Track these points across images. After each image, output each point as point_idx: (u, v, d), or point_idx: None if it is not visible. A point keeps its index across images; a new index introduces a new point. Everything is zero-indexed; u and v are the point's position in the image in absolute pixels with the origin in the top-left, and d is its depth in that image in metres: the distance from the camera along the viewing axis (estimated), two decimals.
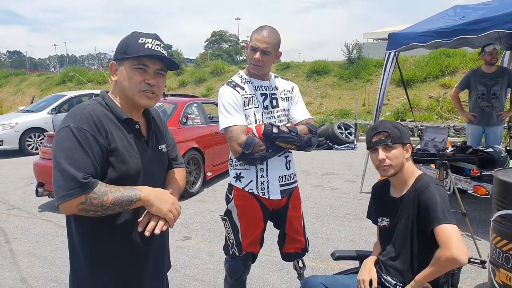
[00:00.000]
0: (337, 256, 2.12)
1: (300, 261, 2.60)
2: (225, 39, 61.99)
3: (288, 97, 2.39)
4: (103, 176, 1.35)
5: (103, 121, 1.37)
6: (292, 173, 2.40)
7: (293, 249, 2.49)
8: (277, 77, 2.46)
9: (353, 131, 10.53)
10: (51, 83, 22.29)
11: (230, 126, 2.15)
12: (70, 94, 11.66)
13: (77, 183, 1.26)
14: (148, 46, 1.41)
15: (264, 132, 2.14)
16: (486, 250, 3.32)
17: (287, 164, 2.36)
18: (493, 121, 5.04)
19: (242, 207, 2.31)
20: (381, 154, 1.86)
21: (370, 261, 1.99)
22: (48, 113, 10.49)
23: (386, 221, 1.97)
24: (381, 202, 2.04)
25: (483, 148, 4.65)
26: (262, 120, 2.25)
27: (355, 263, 2.23)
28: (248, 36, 2.50)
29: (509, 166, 4.20)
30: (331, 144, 9.98)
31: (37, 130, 10.20)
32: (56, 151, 1.31)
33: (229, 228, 2.36)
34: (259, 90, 2.31)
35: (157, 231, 1.38)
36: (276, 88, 2.37)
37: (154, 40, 1.43)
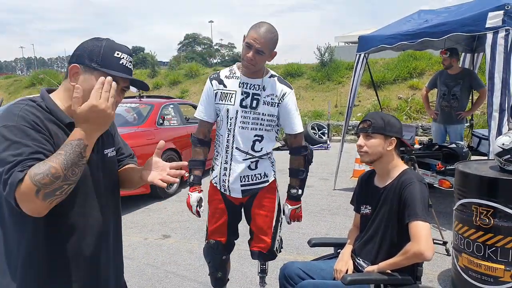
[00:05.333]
0: (314, 243, 2.25)
1: (265, 265, 2.56)
2: (198, 42, 61.81)
3: (275, 102, 2.27)
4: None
5: (45, 122, 1.23)
6: (260, 173, 2.36)
7: (257, 248, 2.46)
8: (274, 76, 2.33)
9: (326, 131, 10.79)
10: (19, 86, 21.66)
11: (195, 115, 2.42)
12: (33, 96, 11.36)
13: (14, 173, 1.10)
14: (123, 63, 1.32)
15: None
16: (450, 239, 3.55)
17: (252, 165, 2.33)
18: (452, 119, 5.36)
19: (210, 195, 2.47)
20: (360, 140, 2.01)
21: (347, 252, 2.10)
22: None
23: (368, 209, 2.08)
24: (365, 190, 2.16)
25: (447, 144, 4.96)
26: (236, 119, 2.23)
27: (330, 251, 2.38)
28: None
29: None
30: None
31: None
32: None
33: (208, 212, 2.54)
34: (243, 87, 2.24)
35: None
36: (263, 89, 2.26)
37: (128, 56, 1.34)
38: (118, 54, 1.31)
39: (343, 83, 15.46)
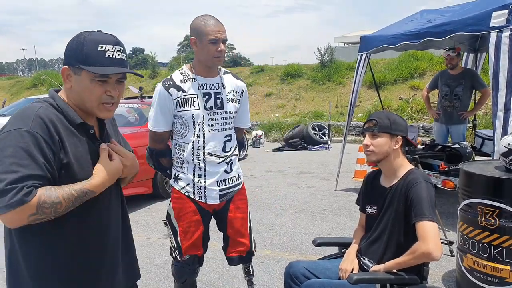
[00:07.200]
0: (318, 243, 2.23)
1: (250, 267, 2.48)
2: None
3: (237, 99, 2.26)
4: (54, 180, 1.22)
5: (58, 126, 1.25)
6: (235, 175, 2.31)
7: (236, 253, 2.37)
8: (228, 73, 2.29)
9: (327, 132, 10.78)
10: (21, 87, 21.70)
11: (151, 129, 2.22)
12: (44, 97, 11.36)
13: (19, 193, 1.11)
14: (109, 55, 1.26)
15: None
16: (454, 240, 3.54)
17: (228, 167, 2.27)
18: (454, 120, 5.35)
19: (179, 209, 2.24)
20: (366, 140, 1.99)
21: (352, 252, 2.09)
22: None
23: (374, 209, 2.07)
24: (371, 190, 2.14)
25: (450, 145, 4.94)
26: (203, 123, 2.15)
27: (334, 251, 2.36)
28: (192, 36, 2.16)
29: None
30: (305, 145, 10.18)
31: None
32: (0, 157, 1.15)
33: (169, 232, 2.31)
34: (202, 88, 2.16)
35: None
36: (223, 87, 2.22)
37: (114, 46, 1.28)
38: (102, 47, 1.26)
39: (343, 83, 15.45)
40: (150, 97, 7.68)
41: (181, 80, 2.16)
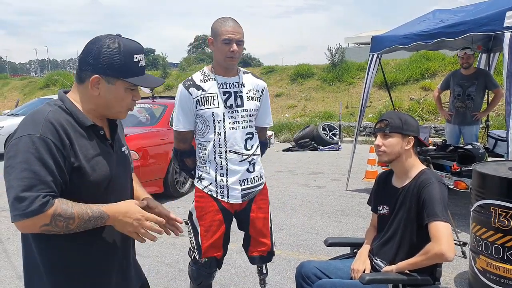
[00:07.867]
0: (330, 243, 2.24)
1: (263, 266, 2.48)
2: (208, 44, 61.91)
3: (257, 97, 2.30)
4: (66, 184, 1.23)
5: (68, 130, 1.24)
6: (257, 175, 2.33)
7: (258, 253, 2.39)
8: (247, 73, 2.35)
9: (337, 132, 10.74)
10: (34, 87, 21.96)
11: (174, 129, 2.29)
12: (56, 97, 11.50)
13: (35, 201, 1.13)
14: (141, 65, 1.34)
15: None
16: (467, 241, 3.50)
17: (250, 167, 2.29)
18: (467, 120, 5.29)
19: (201, 208, 2.27)
20: (378, 140, 1.99)
21: (364, 252, 2.09)
22: None
23: (386, 209, 2.06)
24: (383, 190, 2.13)
25: (462, 145, 4.90)
26: (224, 121, 2.18)
27: (344, 251, 2.36)
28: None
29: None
30: (316, 145, 10.16)
31: None
32: (12, 163, 1.15)
33: (190, 231, 2.33)
34: (222, 87, 2.21)
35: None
36: (242, 85, 2.26)
37: (143, 55, 1.36)
38: (136, 57, 1.31)
39: (354, 84, 15.37)
40: (161, 98, 7.79)
41: (201, 80, 2.22)
